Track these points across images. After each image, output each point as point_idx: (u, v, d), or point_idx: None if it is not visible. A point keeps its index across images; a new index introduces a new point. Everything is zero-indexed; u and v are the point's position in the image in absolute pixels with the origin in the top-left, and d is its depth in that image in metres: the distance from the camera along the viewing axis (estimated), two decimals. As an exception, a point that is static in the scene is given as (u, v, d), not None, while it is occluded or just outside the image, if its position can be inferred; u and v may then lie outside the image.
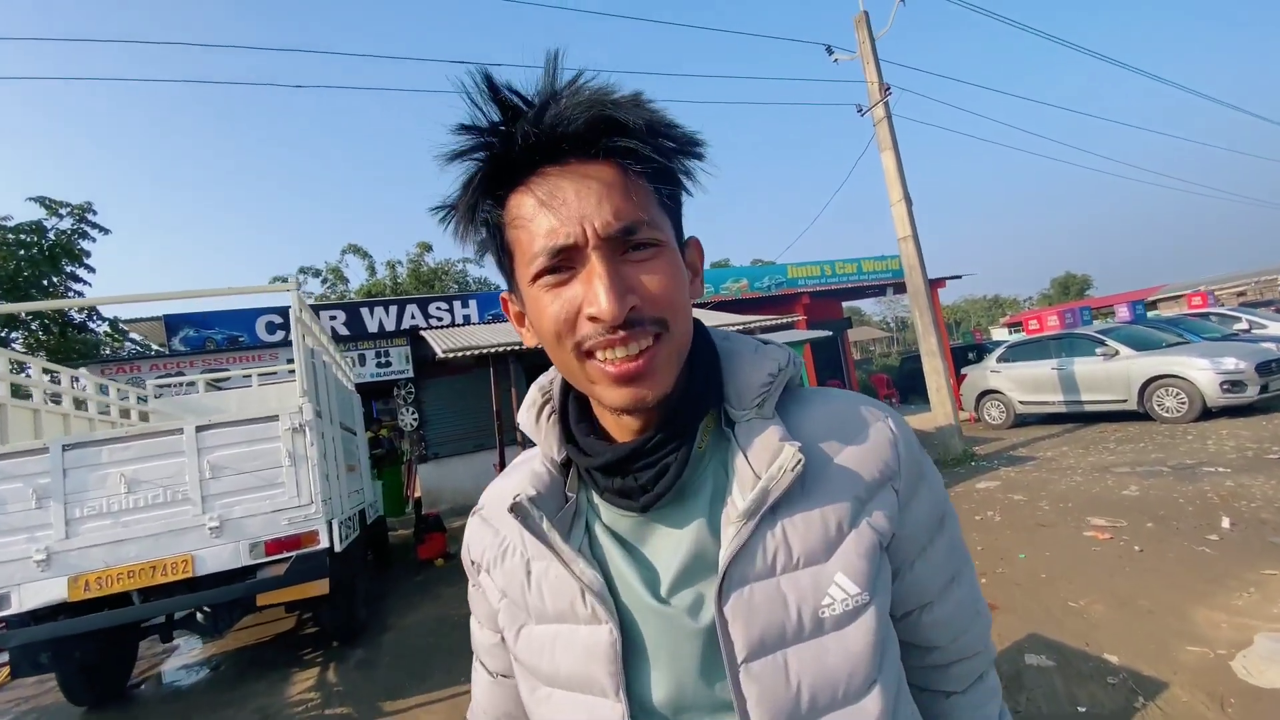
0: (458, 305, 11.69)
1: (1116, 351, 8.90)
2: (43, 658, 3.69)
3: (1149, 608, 3.31)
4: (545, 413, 0.67)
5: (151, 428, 4.13)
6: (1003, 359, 10.56)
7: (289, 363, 7.39)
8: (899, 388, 17.14)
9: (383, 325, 10.98)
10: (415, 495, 10.92)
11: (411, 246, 21.22)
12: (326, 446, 4.62)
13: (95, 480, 3.82)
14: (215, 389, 7.57)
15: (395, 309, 11.20)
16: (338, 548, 4.21)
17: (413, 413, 10.92)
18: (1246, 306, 14.60)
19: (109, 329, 14.24)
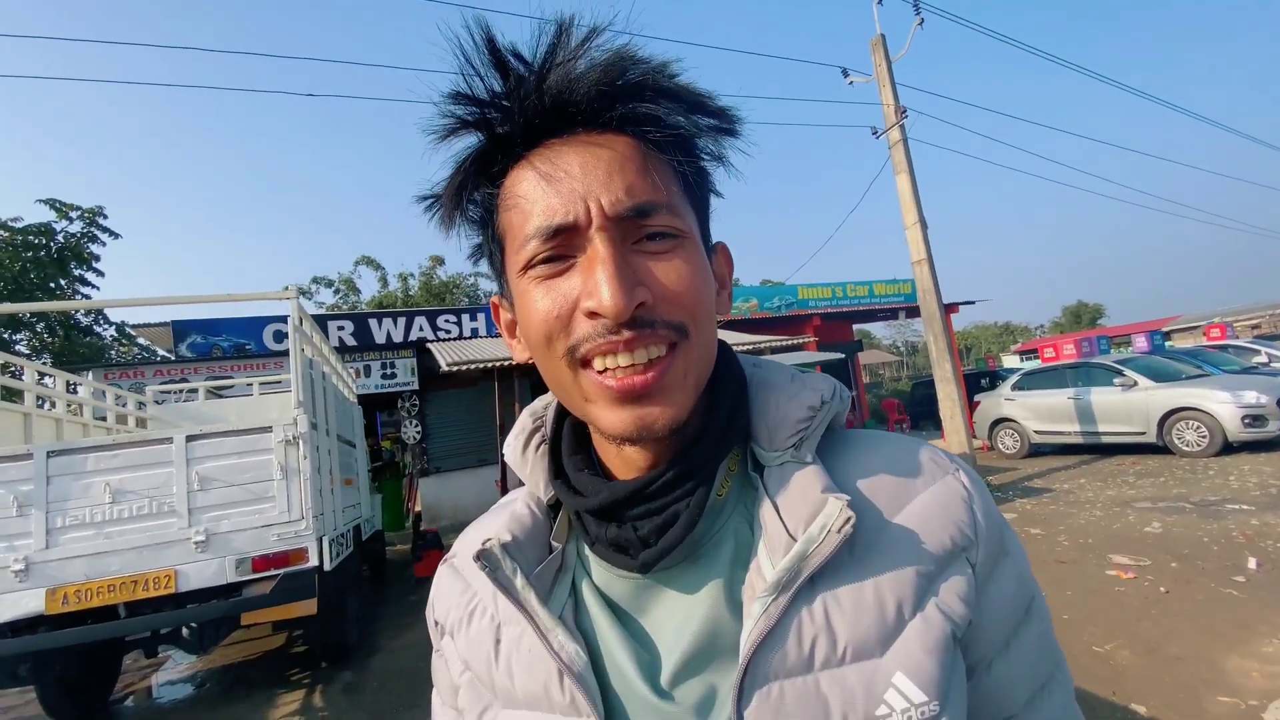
0: (466, 318, 11.74)
1: (1135, 382, 8.70)
2: (21, 670, 3.59)
3: (1177, 654, 3.19)
4: (534, 442, 0.55)
5: (139, 436, 4.04)
6: (1017, 387, 10.36)
7: (291, 372, 7.28)
8: (910, 413, 16.97)
9: (390, 337, 11.00)
10: (415, 509, 10.78)
11: (424, 259, 21.40)
12: (321, 460, 4.51)
13: (79, 489, 3.70)
14: (216, 397, 7.48)
15: (403, 321, 11.24)
16: (328, 566, 4.08)
17: (416, 425, 10.85)
18: (1261, 339, 14.45)
19: (116, 333, 14.30)
